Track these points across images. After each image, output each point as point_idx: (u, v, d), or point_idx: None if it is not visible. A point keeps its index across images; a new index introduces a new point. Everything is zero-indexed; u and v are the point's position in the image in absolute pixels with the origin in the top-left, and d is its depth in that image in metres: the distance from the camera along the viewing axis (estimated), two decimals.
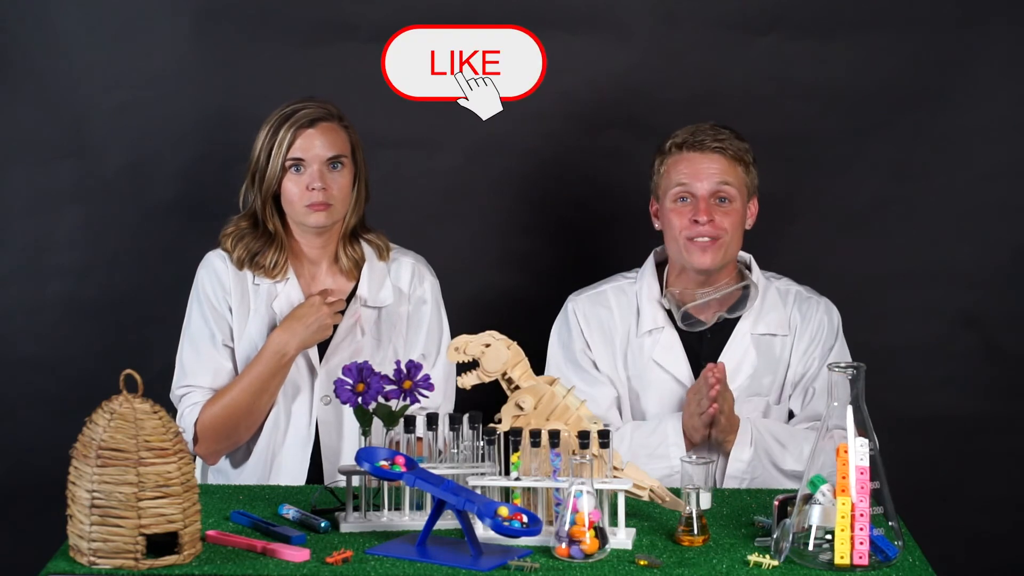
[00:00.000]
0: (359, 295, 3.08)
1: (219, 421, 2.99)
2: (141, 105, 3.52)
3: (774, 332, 3.12)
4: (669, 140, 3.11)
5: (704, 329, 3.11)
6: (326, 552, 2.40)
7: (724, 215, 3.05)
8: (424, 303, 3.12)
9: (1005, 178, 3.57)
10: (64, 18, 3.49)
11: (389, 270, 3.12)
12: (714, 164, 3.06)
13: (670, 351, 3.11)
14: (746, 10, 3.53)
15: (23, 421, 3.57)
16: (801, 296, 3.16)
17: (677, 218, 3.06)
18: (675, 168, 3.08)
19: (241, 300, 3.05)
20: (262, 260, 3.05)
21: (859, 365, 2.38)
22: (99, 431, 2.30)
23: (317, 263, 3.09)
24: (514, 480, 2.51)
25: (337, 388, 2.61)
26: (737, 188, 3.07)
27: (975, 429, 3.62)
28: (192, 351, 3.05)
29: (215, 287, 3.05)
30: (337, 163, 3.01)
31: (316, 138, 3.00)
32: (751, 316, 3.11)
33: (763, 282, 3.15)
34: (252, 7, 3.51)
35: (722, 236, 3.04)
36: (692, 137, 3.07)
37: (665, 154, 3.10)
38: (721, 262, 3.07)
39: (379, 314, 3.09)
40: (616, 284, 3.19)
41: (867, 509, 2.33)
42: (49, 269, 3.56)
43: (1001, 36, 3.53)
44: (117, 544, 2.30)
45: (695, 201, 3.05)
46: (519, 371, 2.59)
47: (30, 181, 3.54)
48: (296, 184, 3.00)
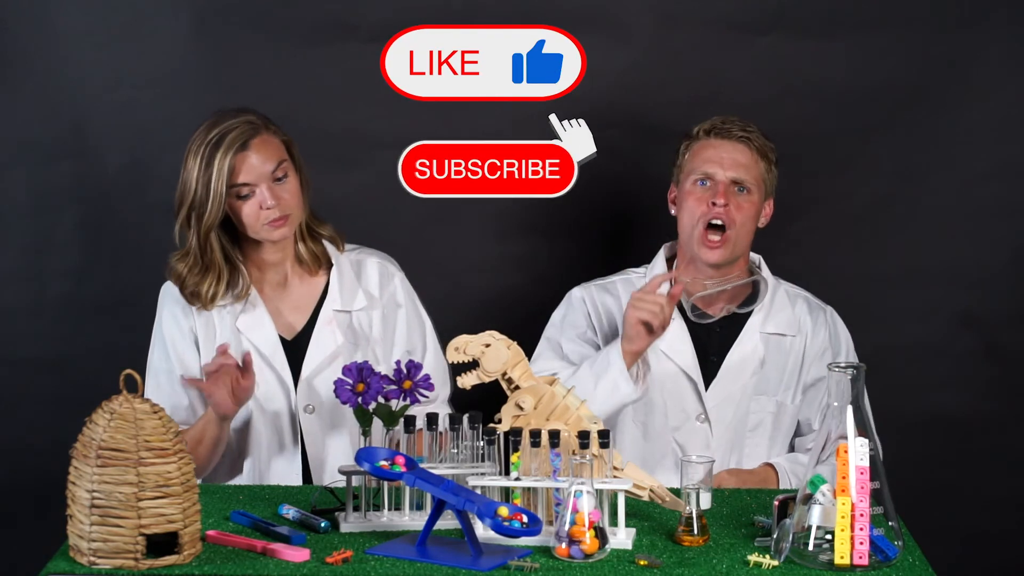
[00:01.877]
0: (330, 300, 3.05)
1: None
2: (141, 105, 3.52)
3: (783, 332, 3.13)
4: (697, 126, 3.14)
5: (712, 323, 3.12)
6: (326, 552, 2.41)
7: (740, 205, 3.06)
8: (399, 306, 3.10)
9: (1005, 178, 3.57)
10: (64, 18, 3.49)
11: (358, 274, 3.08)
12: (739, 154, 3.09)
13: (677, 342, 3.11)
14: (746, 10, 3.53)
15: (23, 421, 3.57)
16: (811, 302, 3.19)
17: (695, 201, 3.07)
18: (700, 153, 3.11)
19: (207, 324, 3.02)
20: (205, 292, 2.98)
21: (859, 365, 2.38)
22: (99, 431, 2.30)
23: (280, 268, 3.06)
24: (514, 480, 2.51)
25: (337, 388, 2.61)
26: (756, 181, 3.08)
27: (975, 429, 3.62)
28: (153, 384, 3.03)
29: (177, 319, 3.02)
30: (282, 175, 2.96)
31: (253, 157, 2.94)
32: (761, 314, 3.12)
33: (772, 281, 3.16)
34: (252, 7, 3.51)
35: (734, 226, 3.05)
36: (721, 124, 3.12)
37: (692, 139, 3.14)
38: (731, 257, 3.08)
39: (351, 317, 3.07)
40: (625, 276, 3.21)
41: (867, 509, 2.33)
42: (49, 269, 3.56)
43: (1001, 36, 3.53)
44: (117, 544, 2.30)
45: (715, 185, 3.07)
46: (519, 371, 2.59)
47: (30, 181, 3.54)
48: (248, 207, 2.94)
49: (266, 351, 3.03)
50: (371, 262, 3.11)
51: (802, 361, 3.13)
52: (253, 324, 3.03)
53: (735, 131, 3.10)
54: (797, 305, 3.16)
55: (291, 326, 3.07)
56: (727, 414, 3.09)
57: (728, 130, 3.10)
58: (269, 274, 3.06)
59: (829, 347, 3.14)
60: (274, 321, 3.04)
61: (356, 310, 3.07)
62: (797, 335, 3.13)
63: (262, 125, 2.97)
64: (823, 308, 3.18)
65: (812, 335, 3.14)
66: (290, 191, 2.98)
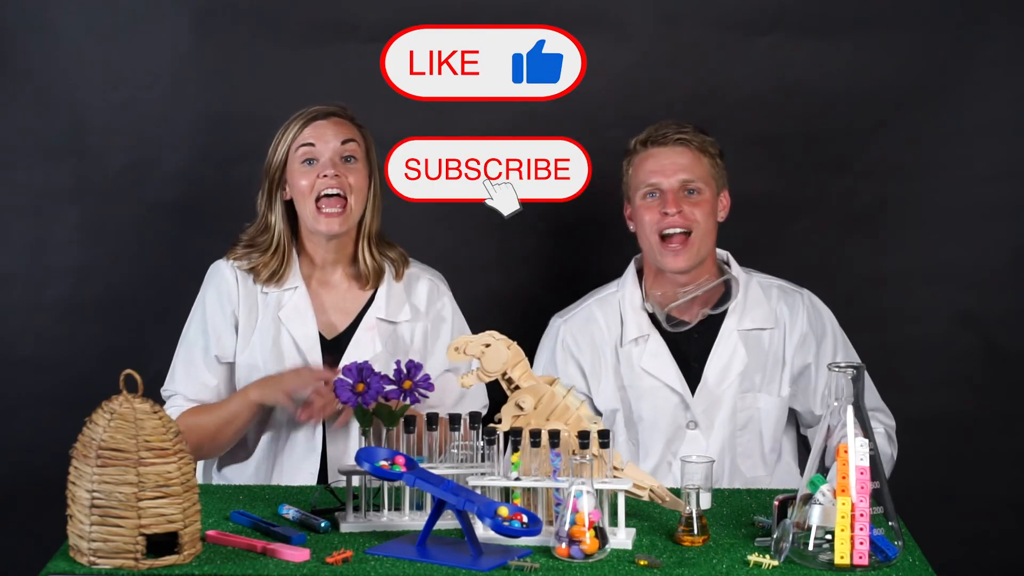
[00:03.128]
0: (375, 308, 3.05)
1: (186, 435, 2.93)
2: (141, 105, 3.52)
3: (761, 326, 3.11)
4: (633, 140, 3.14)
5: (690, 329, 3.11)
6: (326, 552, 2.40)
7: (694, 206, 3.05)
8: (444, 320, 3.10)
9: (1005, 178, 3.57)
10: (64, 18, 3.49)
11: (407, 290, 3.08)
12: (679, 157, 3.07)
13: (657, 358, 3.10)
14: (746, 10, 3.53)
15: (23, 421, 3.57)
16: (784, 289, 3.16)
17: (647, 213, 3.07)
18: (641, 166, 3.10)
19: (250, 311, 3.02)
20: (263, 269, 3.02)
21: (859, 365, 2.38)
22: (99, 431, 2.30)
23: (331, 270, 3.06)
24: (514, 480, 2.51)
25: (337, 388, 2.61)
26: (704, 180, 3.07)
27: (975, 429, 3.62)
28: (184, 359, 3.03)
29: (221, 299, 3.02)
30: (351, 157, 2.99)
31: (328, 128, 2.99)
32: (736, 313, 3.11)
33: (744, 276, 3.14)
34: (252, 7, 3.51)
35: (694, 228, 3.04)
36: (655, 132, 3.10)
37: (632, 153, 3.13)
38: (696, 260, 3.06)
39: (394, 328, 3.07)
40: (598, 297, 3.19)
41: (867, 509, 2.33)
42: (49, 269, 3.56)
43: (1001, 36, 3.53)
44: (117, 544, 2.30)
45: (663, 195, 3.06)
46: (519, 371, 2.59)
47: (30, 181, 3.54)
48: (306, 175, 2.97)
49: (304, 346, 3.02)
50: (423, 279, 3.11)
51: (783, 351, 3.12)
52: (295, 317, 3.02)
53: (671, 135, 3.08)
54: (772, 296, 3.14)
55: (333, 326, 3.06)
56: (716, 417, 3.09)
57: (664, 135, 3.09)
58: (319, 272, 3.06)
59: (811, 331, 3.12)
60: (316, 318, 3.04)
61: (400, 321, 3.06)
62: (775, 327, 3.12)
63: (350, 116, 3.04)
64: (798, 291, 3.16)
65: (790, 323, 3.12)
66: (355, 177, 2.99)
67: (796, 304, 3.14)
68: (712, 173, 3.10)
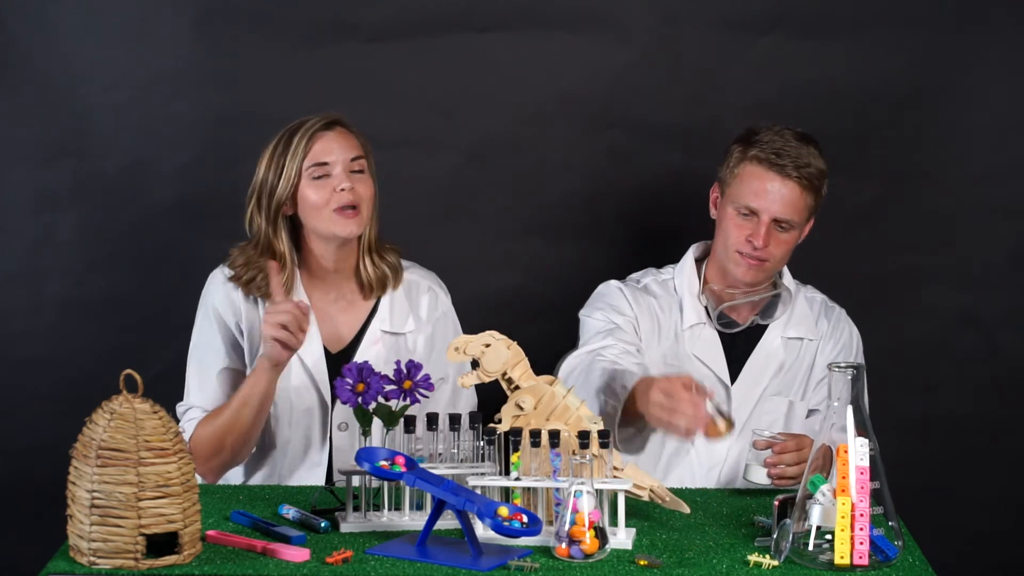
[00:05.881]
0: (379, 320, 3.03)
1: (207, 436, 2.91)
2: (141, 105, 3.52)
3: (803, 336, 3.15)
4: (755, 146, 3.03)
5: (739, 331, 3.13)
6: (326, 552, 2.40)
7: (779, 243, 3.04)
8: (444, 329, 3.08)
9: (1005, 178, 3.57)
10: (64, 18, 3.49)
11: (408, 298, 3.06)
12: (789, 192, 3.01)
13: (711, 347, 3.12)
14: (746, 10, 3.53)
15: (23, 421, 3.57)
16: (826, 305, 3.21)
17: (735, 229, 3.04)
18: (749, 180, 3.03)
19: (254, 323, 2.98)
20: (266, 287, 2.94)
21: (859, 365, 2.38)
22: (99, 431, 2.30)
23: (332, 282, 3.02)
24: (514, 480, 2.51)
25: (337, 388, 2.61)
26: (800, 215, 3.04)
27: (975, 429, 3.62)
28: (196, 373, 3.00)
29: (225, 308, 2.99)
30: (360, 169, 2.94)
31: (335, 141, 2.93)
32: (782, 320, 3.14)
33: (794, 288, 3.17)
34: (252, 7, 3.51)
35: (771, 259, 3.04)
36: (776, 157, 3.00)
37: (745, 154, 3.04)
38: (764, 279, 3.11)
39: (398, 340, 3.06)
40: (654, 277, 3.19)
41: (867, 509, 2.33)
42: (49, 269, 3.56)
43: (1001, 36, 3.53)
44: (117, 544, 2.30)
45: (757, 222, 3.02)
46: (519, 371, 2.59)
47: (30, 181, 3.54)
48: (318, 191, 2.91)
49: (309, 362, 2.99)
50: (423, 286, 3.08)
51: (813, 362, 3.15)
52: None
53: (789, 169, 2.99)
54: (815, 309, 3.19)
55: (337, 339, 3.04)
56: (743, 413, 3.10)
57: (783, 167, 2.99)
58: (322, 284, 3.02)
59: (843, 348, 3.15)
60: (320, 332, 3.01)
61: (405, 332, 3.05)
62: (815, 339, 3.15)
63: (344, 121, 2.97)
64: (837, 309, 3.21)
65: (827, 336, 3.16)
66: (364, 187, 2.94)
67: (837, 321, 3.18)
68: (811, 207, 3.06)
